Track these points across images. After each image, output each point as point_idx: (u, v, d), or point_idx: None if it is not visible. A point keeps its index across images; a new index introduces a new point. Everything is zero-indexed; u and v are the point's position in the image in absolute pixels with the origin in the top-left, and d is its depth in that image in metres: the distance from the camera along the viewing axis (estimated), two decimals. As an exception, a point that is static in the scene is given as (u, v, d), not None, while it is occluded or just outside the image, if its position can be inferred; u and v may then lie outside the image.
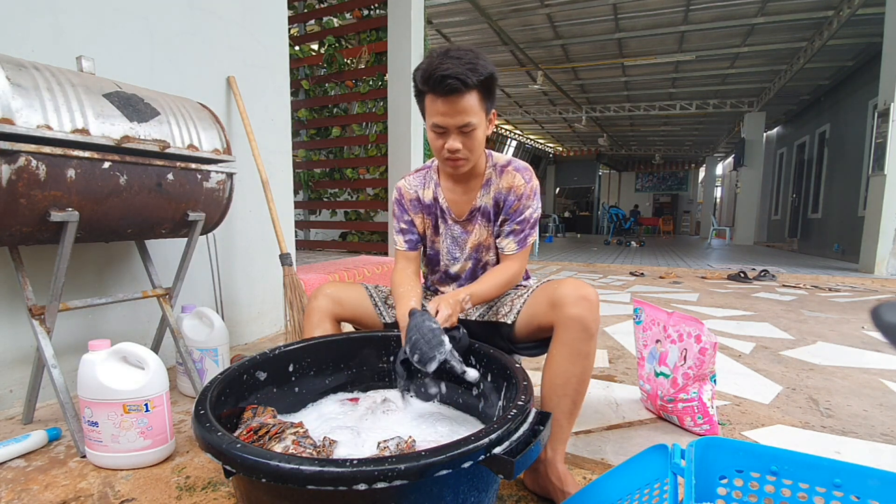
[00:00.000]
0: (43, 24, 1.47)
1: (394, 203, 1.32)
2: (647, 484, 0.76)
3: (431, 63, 1.02)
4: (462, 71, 1.00)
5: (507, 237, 1.20)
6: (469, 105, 1.03)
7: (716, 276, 5.15)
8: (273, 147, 2.37)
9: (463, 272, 1.29)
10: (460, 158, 1.10)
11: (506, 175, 1.20)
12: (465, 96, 1.02)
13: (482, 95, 1.05)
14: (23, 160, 1.05)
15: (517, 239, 1.20)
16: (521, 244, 1.20)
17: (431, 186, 1.27)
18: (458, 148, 1.08)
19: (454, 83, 1.00)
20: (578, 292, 1.01)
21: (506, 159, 1.23)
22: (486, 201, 1.22)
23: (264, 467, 0.62)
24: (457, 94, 1.01)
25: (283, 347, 1.10)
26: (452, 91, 1.01)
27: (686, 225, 20.29)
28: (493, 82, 1.07)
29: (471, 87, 1.02)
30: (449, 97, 1.02)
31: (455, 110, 1.03)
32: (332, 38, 4.06)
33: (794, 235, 10.17)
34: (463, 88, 1.01)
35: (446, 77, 0.99)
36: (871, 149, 5.53)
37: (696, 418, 1.36)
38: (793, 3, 6.15)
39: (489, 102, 1.09)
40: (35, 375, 1.35)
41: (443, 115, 1.04)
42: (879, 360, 2.15)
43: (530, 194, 1.19)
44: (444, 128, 1.06)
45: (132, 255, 1.75)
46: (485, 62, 1.05)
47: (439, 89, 1.01)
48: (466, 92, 1.02)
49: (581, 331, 0.99)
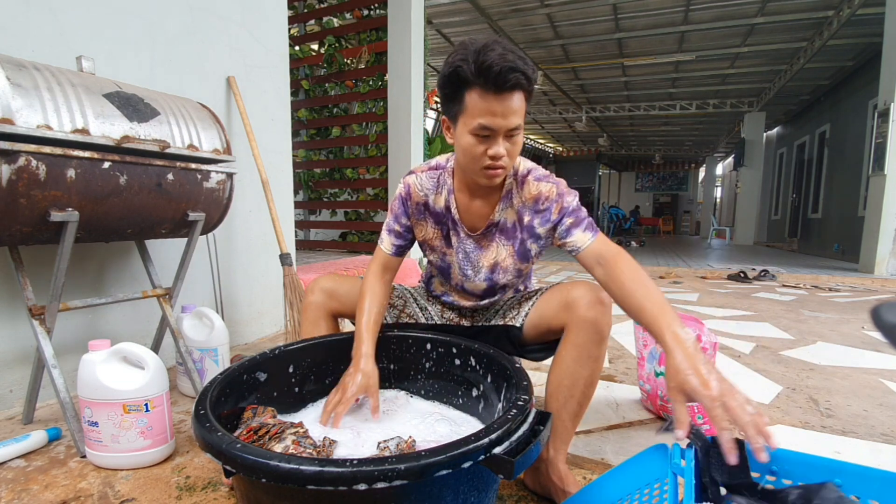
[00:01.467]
0: (43, 24, 1.47)
1: (397, 198, 1.14)
2: (647, 484, 0.76)
3: (483, 54, 0.87)
4: (522, 65, 0.87)
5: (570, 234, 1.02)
6: (520, 106, 0.91)
7: (716, 276, 5.15)
8: (273, 147, 2.37)
9: (478, 290, 1.17)
10: (501, 167, 0.95)
11: (527, 186, 1.06)
12: (519, 95, 0.90)
13: (528, 97, 0.94)
14: (23, 160, 1.05)
15: (584, 227, 1.01)
16: (594, 230, 1.01)
17: (444, 193, 1.11)
18: (502, 154, 0.93)
19: (519, 78, 0.87)
20: (593, 295, 0.99)
21: (525, 168, 1.08)
22: (506, 216, 1.08)
23: (264, 467, 0.62)
24: (515, 91, 0.89)
25: (283, 347, 1.10)
26: (515, 87, 0.88)
27: (686, 225, 20.29)
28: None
29: (528, 85, 0.90)
30: (507, 94, 0.88)
31: (510, 110, 0.90)
32: (332, 38, 4.06)
33: (794, 235, 10.16)
34: (526, 86, 0.89)
35: (512, 70, 0.86)
36: (871, 149, 5.53)
37: (696, 418, 1.36)
38: (793, 3, 6.15)
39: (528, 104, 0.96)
40: (35, 375, 1.35)
41: (493, 116, 0.90)
42: (879, 360, 2.15)
43: (564, 192, 1.04)
44: (493, 130, 0.91)
45: (132, 255, 1.75)
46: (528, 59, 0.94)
47: (499, 83, 0.87)
48: (523, 91, 0.90)
49: (594, 333, 0.98)
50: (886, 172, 4.98)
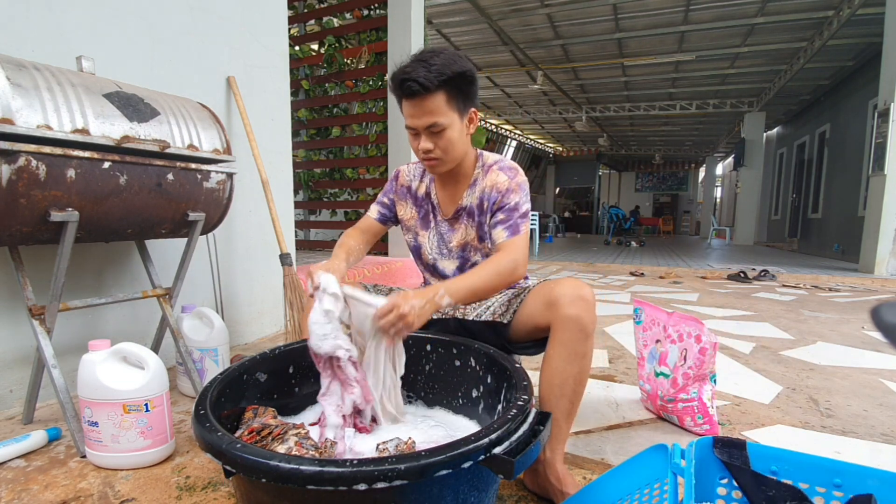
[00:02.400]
0: (43, 24, 1.47)
1: (390, 179, 1.36)
2: (647, 484, 0.76)
3: (399, 66, 1.06)
4: (423, 74, 1.01)
5: (495, 228, 1.16)
6: (434, 106, 1.05)
7: (716, 276, 5.15)
8: (273, 147, 2.37)
9: (450, 269, 1.28)
10: (433, 158, 1.12)
11: (490, 174, 1.19)
12: (429, 98, 1.04)
13: (450, 95, 1.05)
14: (23, 160, 1.05)
15: (506, 226, 1.14)
16: (513, 231, 1.13)
17: (426, 181, 1.29)
18: (429, 148, 1.09)
19: (412, 85, 1.02)
20: (575, 292, 1.01)
21: (494, 159, 1.23)
22: (471, 201, 1.21)
23: (264, 467, 0.62)
24: (418, 96, 1.03)
25: (283, 347, 1.10)
26: (413, 94, 1.03)
27: (686, 225, 20.29)
28: (466, 81, 1.06)
29: (432, 88, 1.03)
30: (412, 99, 1.05)
31: (420, 111, 1.06)
32: (332, 38, 4.06)
33: (794, 235, 10.16)
34: (423, 91, 1.02)
35: (405, 80, 1.03)
36: (871, 149, 5.53)
37: (696, 418, 1.36)
38: (793, 3, 6.15)
39: (462, 101, 1.09)
40: (35, 375, 1.35)
41: (410, 117, 1.08)
42: (879, 360, 2.15)
43: (514, 188, 1.16)
44: (414, 129, 1.09)
45: (132, 255, 1.75)
46: (454, 62, 1.04)
47: (402, 92, 1.05)
48: (429, 94, 1.03)
49: (578, 331, 0.99)
50: (886, 172, 4.98)
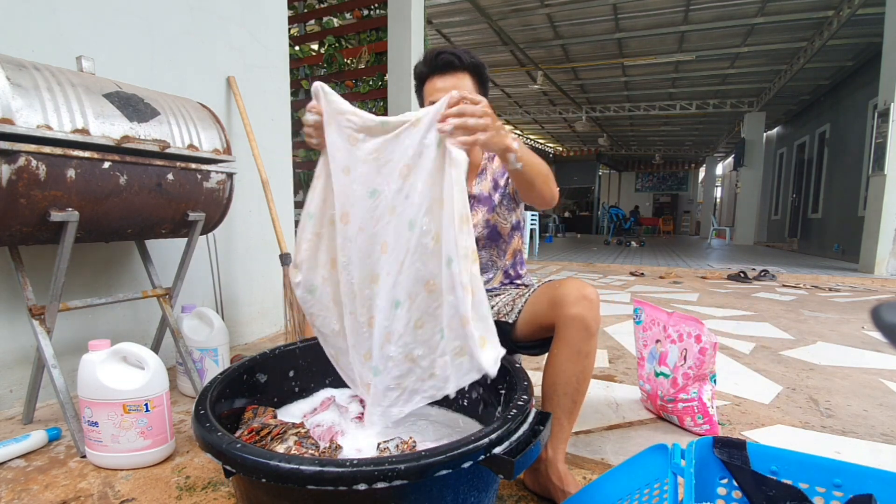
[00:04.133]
0: (43, 24, 1.47)
1: None
2: (647, 484, 0.76)
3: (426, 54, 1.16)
4: (455, 51, 1.12)
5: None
6: (463, 84, 1.12)
7: (716, 276, 5.15)
8: (273, 147, 2.37)
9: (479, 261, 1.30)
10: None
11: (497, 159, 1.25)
12: (459, 73, 1.12)
13: (475, 80, 1.14)
14: (23, 160, 1.05)
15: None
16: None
17: None
18: None
19: (448, 57, 1.11)
20: (579, 292, 1.02)
21: None
22: (481, 188, 1.25)
23: (264, 467, 0.62)
24: (451, 68, 1.11)
25: (283, 347, 1.10)
26: (447, 65, 1.11)
27: (686, 225, 20.29)
28: (485, 71, 1.16)
29: (463, 65, 1.12)
30: (445, 73, 1.11)
31: (450, 85, 1.10)
32: (332, 38, 4.06)
33: (794, 235, 10.17)
34: (457, 63, 1.11)
35: (441, 53, 1.11)
36: (871, 149, 5.53)
37: (696, 418, 1.36)
38: (793, 3, 6.15)
39: (482, 90, 1.16)
40: (35, 375, 1.35)
41: (438, 91, 1.10)
42: (879, 360, 2.15)
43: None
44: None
45: (132, 255, 1.75)
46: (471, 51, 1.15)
47: (435, 65, 1.12)
48: (460, 69, 1.12)
49: (581, 330, 1.00)
50: (886, 172, 4.98)
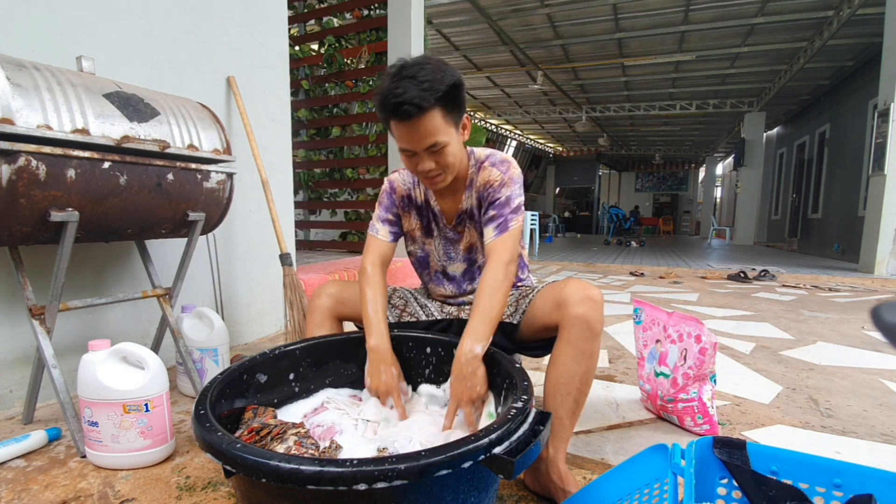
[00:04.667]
0: (43, 24, 1.47)
1: (383, 194, 1.27)
2: (647, 484, 0.76)
3: (385, 86, 0.97)
4: (417, 94, 0.94)
5: (486, 226, 1.12)
6: (432, 125, 0.98)
7: (716, 276, 5.15)
8: (273, 147, 2.37)
9: (459, 272, 1.28)
10: (436, 176, 1.07)
11: (483, 172, 1.15)
12: (426, 118, 0.97)
13: (446, 110, 0.99)
14: (23, 160, 1.05)
15: (496, 224, 1.10)
16: (501, 229, 1.09)
17: (422, 188, 1.24)
18: (430, 168, 1.04)
19: (410, 109, 0.94)
20: (583, 292, 1.02)
21: (485, 154, 1.18)
22: (471, 203, 1.18)
23: (264, 467, 0.62)
24: (415, 118, 0.96)
25: (283, 347, 1.10)
26: (410, 116, 0.96)
27: (686, 225, 20.30)
28: (458, 91, 1.00)
29: (429, 107, 0.96)
30: (411, 122, 0.97)
31: (419, 134, 0.99)
32: (332, 38, 4.06)
33: (794, 235, 10.17)
34: (420, 113, 0.95)
35: (401, 104, 0.94)
36: (871, 149, 5.53)
37: (696, 418, 1.36)
38: (793, 3, 6.15)
39: (457, 113, 1.03)
40: (35, 375, 1.35)
41: (407, 141, 1.01)
42: (879, 360, 2.15)
43: (507, 182, 1.12)
44: (412, 151, 1.03)
45: (132, 255, 1.75)
46: (443, 74, 0.97)
47: (397, 116, 0.97)
48: (426, 114, 0.96)
49: (585, 330, 1.00)
50: (886, 172, 4.98)
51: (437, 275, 1.30)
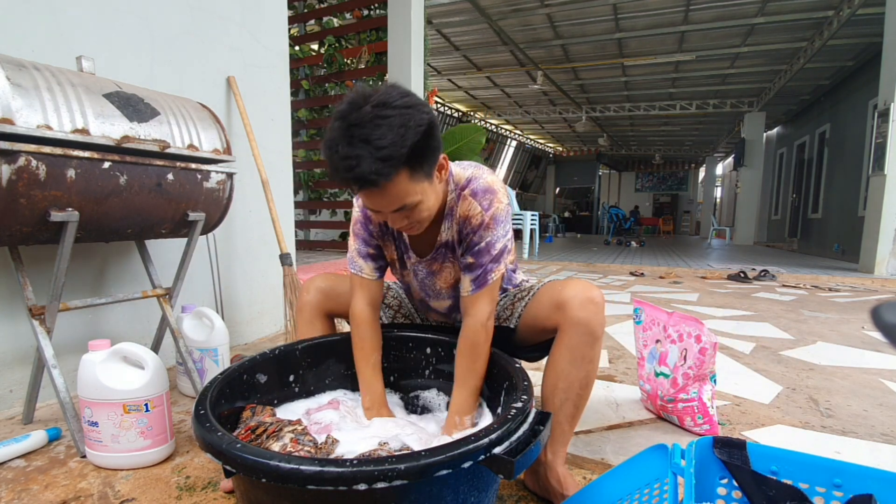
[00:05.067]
0: (43, 24, 1.47)
1: (356, 224, 1.09)
2: (647, 484, 0.76)
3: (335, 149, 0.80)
4: (372, 167, 0.78)
5: (464, 273, 1.00)
6: (396, 191, 0.84)
7: (716, 276, 5.15)
8: (273, 147, 2.37)
9: (443, 308, 1.17)
10: (413, 227, 0.94)
11: (462, 202, 0.99)
12: (389, 186, 0.82)
13: (413, 170, 0.84)
14: (23, 160, 1.05)
15: (473, 276, 0.98)
16: (480, 283, 0.97)
17: None
18: (402, 225, 0.93)
19: (366, 185, 0.81)
20: (585, 294, 0.98)
21: (465, 177, 1.00)
22: (450, 235, 1.03)
23: (264, 467, 0.62)
24: (375, 188, 0.82)
25: (283, 347, 1.10)
26: (367, 187, 0.82)
27: (686, 225, 20.30)
28: (426, 142, 0.83)
29: (391, 176, 0.81)
30: (367, 191, 0.84)
31: (383, 202, 0.86)
32: (332, 38, 4.06)
33: (794, 235, 10.17)
34: (380, 184, 0.81)
35: (356, 179, 0.80)
36: (871, 149, 5.53)
37: (696, 418, 1.36)
38: (793, 3, 6.15)
39: (429, 165, 0.87)
40: (35, 375, 1.35)
41: (371, 206, 0.89)
42: (879, 360, 2.15)
43: (489, 223, 0.96)
44: (379, 212, 0.90)
45: (132, 255, 1.75)
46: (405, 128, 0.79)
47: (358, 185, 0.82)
48: (388, 182, 0.81)
49: (586, 334, 0.97)
50: (886, 172, 4.98)
51: (421, 303, 1.23)
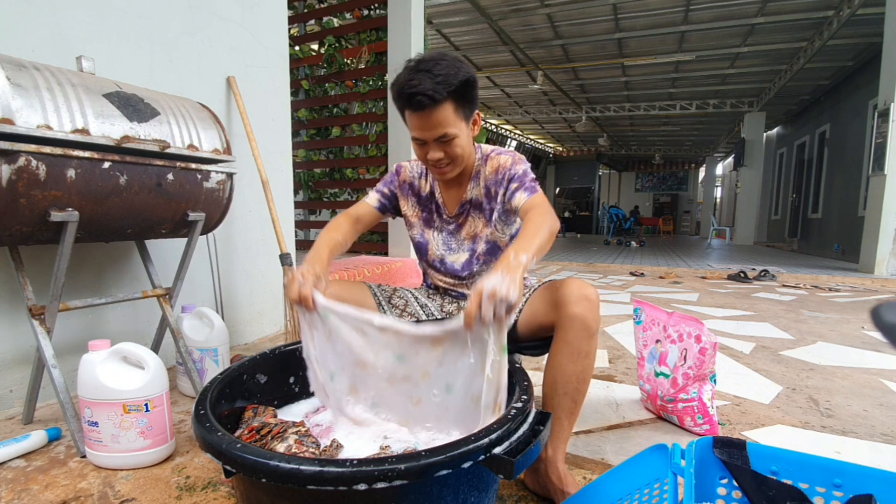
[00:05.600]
0: (43, 24, 1.47)
1: (388, 174, 1.35)
2: (647, 484, 0.76)
3: (402, 78, 1.05)
4: (430, 86, 1.01)
5: (514, 194, 1.15)
6: (443, 117, 1.05)
7: (716, 276, 5.15)
8: (273, 147, 2.37)
9: (459, 262, 1.29)
10: (444, 166, 1.14)
11: (490, 161, 1.22)
12: (438, 109, 1.04)
13: (458, 104, 1.06)
14: (23, 160, 1.05)
15: (524, 188, 1.14)
16: (531, 191, 1.14)
17: (429, 179, 1.30)
18: (439, 157, 1.11)
19: (423, 100, 1.02)
20: (579, 291, 1.02)
21: (491, 148, 1.25)
22: (476, 193, 1.24)
23: (264, 467, 0.62)
24: (428, 108, 1.03)
25: (283, 347, 1.10)
26: (423, 107, 1.03)
27: (686, 225, 20.30)
28: (470, 87, 1.07)
29: (441, 100, 1.03)
30: (424, 112, 1.04)
31: (430, 124, 1.06)
32: (332, 38, 4.06)
33: (794, 235, 10.16)
34: (433, 104, 1.02)
35: (415, 94, 1.01)
36: (871, 149, 5.53)
37: (696, 418, 1.36)
38: (793, 3, 6.15)
39: (468, 108, 1.10)
40: (35, 375, 1.35)
41: (419, 130, 1.08)
42: (879, 360, 2.15)
43: (518, 160, 1.19)
44: (423, 140, 1.09)
45: (132, 255, 1.75)
46: (457, 70, 1.04)
47: (411, 107, 1.04)
48: (438, 105, 1.03)
49: (582, 329, 1.00)
50: (886, 172, 4.98)
51: (434, 262, 1.33)
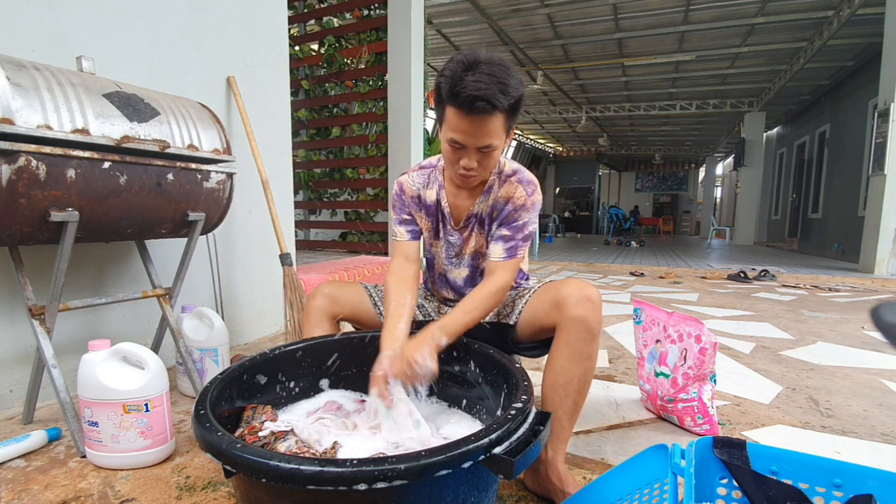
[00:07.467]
0: (43, 24, 1.47)
1: (394, 197, 1.28)
2: (647, 484, 0.76)
3: (459, 74, 0.94)
4: (493, 92, 0.92)
5: (496, 241, 1.14)
6: (494, 127, 0.97)
7: (716, 276, 5.15)
8: (273, 147, 2.37)
9: (461, 278, 1.27)
10: (473, 175, 1.06)
11: (508, 185, 1.15)
12: (492, 118, 0.96)
13: (508, 116, 0.99)
14: (23, 160, 1.05)
15: (507, 246, 1.12)
16: (511, 253, 1.12)
17: (435, 188, 1.23)
18: (473, 166, 1.03)
19: (484, 106, 0.93)
20: (582, 293, 1.01)
21: (512, 168, 1.18)
22: (482, 208, 1.18)
23: (264, 467, 0.62)
24: (484, 115, 0.95)
25: (283, 347, 1.10)
26: (481, 112, 0.94)
27: (686, 225, 20.28)
28: (521, 103, 1.00)
29: (500, 109, 0.95)
30: (477, 117, 0.95)
31: (481, 132, 0.97)
32: (332, 38, 4.06)
33: (794, 235, 10.16)
34: (491, 111, 0.94)
35: (477, 98, 0.92)
36: (871, 149, 5.53)
37: (696, 418, 1.36)
38: (793, 3, 6.15)
39: (513, 122, 1.03)
40: (35, 375, 1.35)
41: (464, 134, 0.98)
42: (879, 360, 2.15)
43: (529, 207, 1.13)
44: (463, 145, 1.00)
45: (132, 255, 1.75)
46: (516, 81, 0.97)
47: (466, 108, 0.94)
48: (494, 114, 0.95)
49: (584, 331, 1.00)
50: (886, 172, 4.98)
51: (440, 277, 1.32)
